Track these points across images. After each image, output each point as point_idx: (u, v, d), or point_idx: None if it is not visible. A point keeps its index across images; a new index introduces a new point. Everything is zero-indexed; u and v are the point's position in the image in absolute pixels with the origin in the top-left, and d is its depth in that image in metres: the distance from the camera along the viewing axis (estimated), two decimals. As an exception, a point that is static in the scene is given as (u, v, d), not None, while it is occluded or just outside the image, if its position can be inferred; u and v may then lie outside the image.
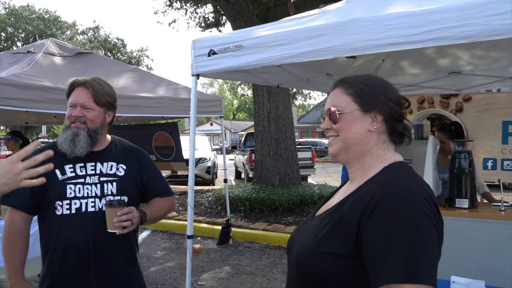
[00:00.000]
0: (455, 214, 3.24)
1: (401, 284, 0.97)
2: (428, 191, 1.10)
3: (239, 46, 2.57)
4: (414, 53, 4.52)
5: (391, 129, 1.22)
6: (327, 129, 1.26)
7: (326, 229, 1.14)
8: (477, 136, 4.61)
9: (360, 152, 1.21)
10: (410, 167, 1.22)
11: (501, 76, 4.53)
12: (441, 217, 1.12)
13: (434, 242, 1.03)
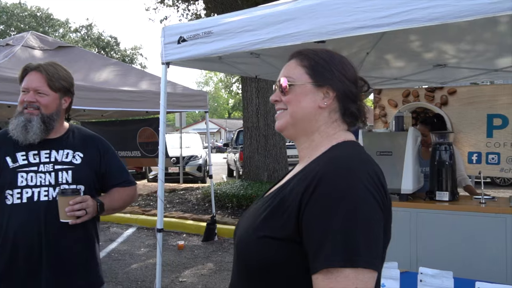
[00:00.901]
0: (436, 207, 3.18)
1: (340, 268, 0.89)
2: (375, 169, 1.02)
3: (209, 33, 2.49)
4: (399, 46, 4.46)
5: (344, 108, 1.13)
6: (276, 101, 1.18)
7: (267, 211, 1.06)
8: (462, 129, 4.55)
9: (309, 129, 1.13)
10: (361, 146, 1.14)
11: (486, 69, 4.47)
12: (388, 197, 1.04)
13: (378, 222, 0.95)
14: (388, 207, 1.03)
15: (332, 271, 0.90)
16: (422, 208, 3.19)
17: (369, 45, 4.48)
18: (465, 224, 3.06)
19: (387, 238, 1.05)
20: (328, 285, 0.90)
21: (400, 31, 4.09)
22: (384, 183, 1.02)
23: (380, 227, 0.96)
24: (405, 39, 4.30)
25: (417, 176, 3.31)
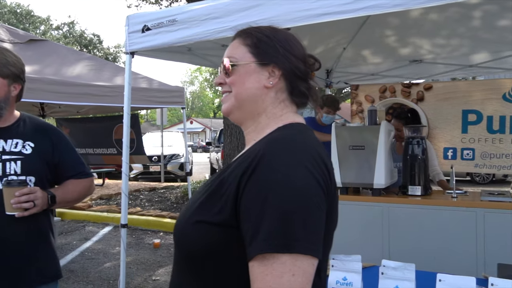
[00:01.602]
0: (408, 202, 3.15)
1: (276, 254, 0.83)
2: (320, 152, 0.96)
3: (173, 21, 2.41)
4: (375, 41, 4.44)
5: (291, 87, 1.06)
6: (220, 84, 1.10)
7: (205, 195, 0.99)
8: (438, 125, 4.54)
9: (255, 111, 1.06)
10: (310, 129, 1.07)
11: (461, 64, 4.48)
12: (333, 182, 0.98)
13: (319, 207, 0.89)
14: (333, 192, 0.97)
15: (268, 257, 0.83)
16: (394, 203, 3.15)
17: (345, 40, 4.46)
18: (437, 218, 3.03)
19: (332, 224, 0.99)
20: (264, 272, 0.83)
21: (376, 25, 4.12)
22: (329, 167, 0.96)
23: (321, 212, 0.90)
24: (381, 34, 4.28)
25: (390, 170, 3.28)
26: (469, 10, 3.67)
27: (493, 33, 3.92)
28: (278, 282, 0.82)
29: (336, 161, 3.29)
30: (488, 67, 4.37)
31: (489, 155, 4.31)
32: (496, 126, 4.28)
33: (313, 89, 1.11)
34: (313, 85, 1.11)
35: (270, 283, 0.82)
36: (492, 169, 4.36)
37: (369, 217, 3.22)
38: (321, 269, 0.99)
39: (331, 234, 1.01)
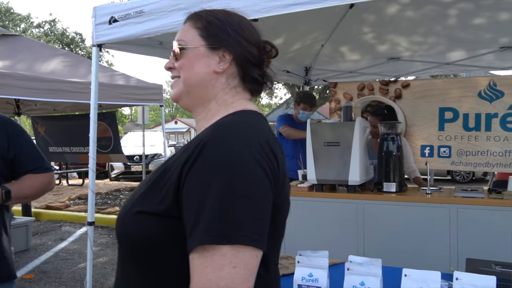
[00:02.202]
0: (382, 198, 3.13)
1: (217, 245, 0.77)
2: (269, 139, 0.91)
3: (140, 12, 2.34)
4: (353, 38, 4.43)
5: (244, 73, 1.01)
6: (170, 68, 1.05)
7: (147, 185, 0.94)
8: (415, 122, 4.55)
9: (205, 97, 1.01)
10: (262, 116, 1.02)
11: (438, 62, 4.50)
12: (282, 171, 0.93)
13: (264, 196, 0.84)
14: (281, 182, 0.92)
15: (208, 249, 0.78)
16: (369, 200, 3.13)
17: (323, 37, 4.44)
18: (411, 215, 3.03)
19: (280, 215, 0.94)
20: (203, 264, 0.78)
21: (353, 22, 4.10)
22: (278, 156, 0.91)
23: (267, 201, 0.85)
24: (358, 31, 4.27)
25: (365, 167, 3.26)
26: (444, 8, 3.68)
27: (469, 32, 3.95)
28: (218, 275, 0.77)
29: (311, 158, 3.26)
30: (464, 64, 4.40)
31: (465, 152, 4.33)
32: (472, 123, 4.30)
33: (269, 76, 1.06)
34: (269, 73, 1.06)
35: (209, 276, 0.77)
36: (468, 166, 4.38)
37: (344, 214, 3.19)
38: (269, 262, 0.94)
39: (280, 225, 0.96)
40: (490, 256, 2.53)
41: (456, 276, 1.52)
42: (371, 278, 1.61)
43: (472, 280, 1.49)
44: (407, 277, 1.57)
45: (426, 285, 1.53)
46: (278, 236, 0.97)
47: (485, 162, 4.25)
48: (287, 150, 4.14)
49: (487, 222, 2.81)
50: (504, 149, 4.16)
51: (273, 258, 0.97)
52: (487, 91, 4.22)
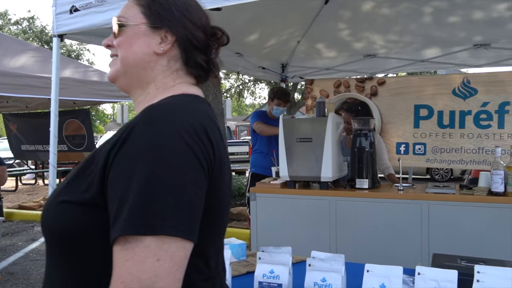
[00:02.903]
0: (355, 195, 3.09)
1: (139, 236, 0.71)
2: (205, 123, 0.84)
3: (102, 1, 2.25)
4: (329, 35, 4.40)
5: (187, 57, 0.95)
6: (108, 46, 0.98)
7: (74, 173, 0.86)
8: (391, 120, 4.54)
9: (143, 80, 0.94)
10: (205, 102, 0.95)
11: (413, 59, 4.51)
12: (219, 157, 0.86)
13: (194, 183, 0.77)
14: (218, 168, 0.85)
15: (130, 240, 0.71)
16: (341, 196, 3.09)
17: (299, 33, 4.40)
18: (384, 211, 3.00)
19: (219, 204, 0.88)
20: (125, 257, 0.71)
21: (329, 18, 4.07)
22: (214, 142, 0.84)
23: (198, 189, 0.78)
24: (334, 28, 4.25)
25: (338, 163, 3.22)
26: (419, 5, 3.67)
27: (443, 30, 3.96)
28: (140, 268, 0.70)
29: (283, 154, 3.20)
30: (439, 62, 4.41)
31: (439, 149, 4.34)
32: (446, 120, 4.31)
33: (215, 64, 1.00)
34: (217, 60, 1.00)
35: (130, 269, 0.70)
36: (443, 163, 4.39)
37: (316, 211, 3.15)
38: (208, 255, 0.88)
39: (219, 215, 0.90)
40: (460, 251, 2.51)
41: (418, 271, 1.49)
42: (333, 274, 1.56)
43: (434, 275, 1.46)
44: (370, 272, 1.53)
45: (388, 280, 1.49)
46: (218, 227, 0.90)
47: (459, 159, 4.26)
48: (261, 147, 4.09)
49: (457, 218, 2.80)
50: (478, 146, 4.18)
51: (213, 250, 0.90)
52: (461, 88, 4.24)
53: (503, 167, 2.74)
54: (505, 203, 2.69)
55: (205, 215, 0.82)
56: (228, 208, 0.96)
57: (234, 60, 4.26)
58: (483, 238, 2.73)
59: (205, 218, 0.83)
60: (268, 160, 3.82)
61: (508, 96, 4.07)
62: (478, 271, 1.44)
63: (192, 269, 0.83)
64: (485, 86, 4.15)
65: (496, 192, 2.75)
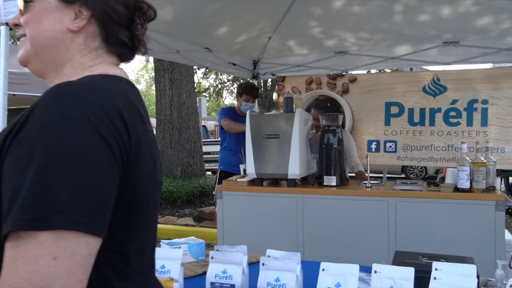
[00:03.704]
0: (322, 192, 3.04)
1: (33, 232, 0.61)
2: (120, 105, 0.74)
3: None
4: (301, 31, 4.34)
5: (106, 34, 0.85)
6: (16, 25, 0.87)
7: None
8: (362, 117, 4.51)
9: (57, 61, 0.84)
10: (127, 83, 0.85)
11: (384, 56, 4.48)
12: (137, 142, 0.76)
13: (101, 170, 0.68)
14: (135, 155, 0.76)
15: (23, 236, 0.62)
16: (308, 194, 3.03)
17: (270, 29, 4.32)
18: (351, 209, 2.95)
19: (140, 195, 0.79)
20: (15, 256, 0.62)
21: (300, 15, 4.01)
22: (130, 124, 0.74)
23: (106, 176, 0.69)
24: (305, 24, 4.19)
25: (306, 160, 3.15)
26: (390, 3, 3.65)
27: (414, 27, 3.94)
28: (31, 269, 0.61)
29: (250, 151, 3.12)
30: (409, 59, 4.39)
31: (410, 147, 4.33)
32: (417, 118, 4.30)
33: (141, 40, 0.90)
34: (143, 37, 0.91)
35: (20, 270, 0.61)
36: (413, 161, 4.38)
37: (284, 209, 3.08)
38: (127, 251, 0.78)
39: (142, 208, 0.81)
40: (426, 248, 2.48)
41: (375, 269, 1.42)
42: (287, 274, 1.48)
43: (391, 273, 1.40)
44: (325, 271, 1.46)
45: (344, 279, 1.43)
46: (140, 221, 0.81)
47: (429, 156, 4.26)
48: (230, 144, 4.00)
49: (424, 214, 2.77)
50: (447, 143, 4.19)
51: (136, 247, 0.81)
52: (431, 86, 4.24)
53: (468, 163, 2.72)
54: (470, 199, 2.67)
55: (121, 207, 0.74)
56: (155, 201, 0.87)
57: (203, 56, 4.15)
58: (449, 234, 2.71)
59: (121, 210, 0.74)
60: (237, 158, 3.73)
61: (476, 94, 4.08)
62: (436, 268, 1.39)
63: (107, 268, 0.74)
64: (455, 83, 4.16)
65: (462, 188, 2.73)
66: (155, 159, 0.84)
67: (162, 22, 3.27)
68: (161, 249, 1.66)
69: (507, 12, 3.43)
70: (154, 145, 0.85)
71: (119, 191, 0.72)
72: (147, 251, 0.86)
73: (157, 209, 0.92)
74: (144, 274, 0.86)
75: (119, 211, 0.73)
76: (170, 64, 7.77)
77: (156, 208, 0.91)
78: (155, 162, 0.84)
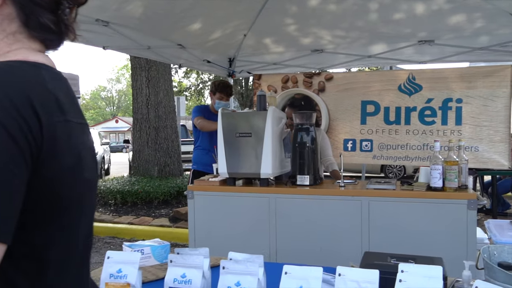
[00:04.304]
0: (296, 192, 2.98)
1: None
2: (33, 96, 0.67)
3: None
4: (276, 29, 4.28)
5: (26, 17, 0.76)
6: None
7: None
8: (338, 116, 4.48)
9: None
10: (47, 71, 0.76)
11: (360, 55, 4.46)
12: (51, 136, 0.68)
13: (4, 166, 0.60)
14: (51, 151, 0.68)
15: None
16: (281, 193, 2.97)
17: (245, 26, 4.25)
18: (324, 209, 2.90)
19: (58, 195, 0.70)
20: None
21: (275, 12, 3.95)
22: (45, 118, 0.67)
23: (11, 173, 0.61)
24: (281, 22, 4.13)
25: (279, 159, 3.09)
26: (365, 1, 3.62)
27: (389, 26, 3.92)
28: None
29: (222, 150, 3.04)
30: (385, 58, 4.38)
31: (385, 146, 4.31)
32: (393, 117, 4.29)
33: (69, 25, 0.81)
34: (72, 22, 0.82)
35: None
36: (389, 160, 4.37)
37: (256, 209, 3.01)
38: (46, 258, 0.70)
39: (63, 210, 0.72)
40: (399, 248, 2.44)
41: (339, 271, 1.36)
42: (249, 277, 1.41)
43: (355, 276, 1.34)
44: (288, 275, 1.40)
45: (307, 282, 1.36)
46: (62, 225, 0.73)
47: (405, 155, 4.25)
48: (204, 143, 3.92)
49: (397, 213, 2.74)
50: (422, 142, 4.18)
51: (56, 252, 0.73)
52: (407, 84, 4.23)
53: (441, 161, 2.69)
54: (443, 199, 2.64)
55: (35, 208, 0.65)
56: (84, 201, 0.79)
57: (175, 52, 4.06)
58: (422, 233, 2.68)
59: (35, 212, 0.66)
60: (210, 157, 3.65)
61: (451, 93, 4.09)
62: (402, 270, 1.34)
63: (20, 276, 0.66)
64: (430, 82, 4.16)
65: (435, 187, 2.70)
66: (80, 154, 0.76)
67: (132, 17, 3.17)
68: (118, 252, 1.58)
69: (480, 11, 3.44)
70: (79, 139, 0.76)
71: (30, 190, 0.64)
72: (76, 256, 0.78)
73: (91, 209, 0.84)
74: (71, 280, 0.78)
75: (33, 213, 0.65)
76: (147, 62, 7.64)
77: (89, 208, 0.83)
78: (80, 157, 0.75)
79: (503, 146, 3.92)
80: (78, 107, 0.79)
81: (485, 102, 3.97)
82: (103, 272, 1.53)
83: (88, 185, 0.79)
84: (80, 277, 0.82)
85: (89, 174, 0.79)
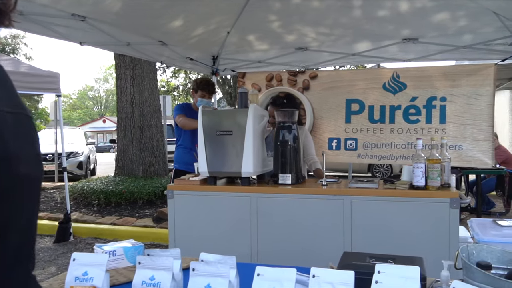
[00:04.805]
0: (277, 191, 2.92)
1: None
2: None
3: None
4: (260, 26, 4.22)
5: None
6: None
7: None
8: (323, 115, 4.44)
9: None
10: None
11: (345, 53, 4.42)
12: None
13: None
14: None
15: None
16: (262, 192, 2.91)
17: (228, 23, 4.18)
18: (307, 208, 2.84)
19: None
20: None
21: (259, 9, 3.89)
22: None
23: None
24: (265, 19, 4.07)
25: (261, 158, 3.03)
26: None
27: (373, 23, 3.89)
28: None
29: (202, 149, 2.98)
30: (369, 56, 4.34)
31: (370, 145, 4.28)
32: (377, 115, 4.26)
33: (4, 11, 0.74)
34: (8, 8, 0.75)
35: None
36: (373, 159, 4.34)
37: (237, 209, 2.94)
38: None
39: None
40: (381, 247, 2.40)
41: (313, 273, 1.31)
42: (219, 280, 1.35)
43: (330, 277, 1.29)
44: (260, 276, 1.34)
45: (280, 284, 1.30)
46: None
47: (389, 154, 4.22)
48: (186, 142, 3.85)
49: (379, 212, 2.70)
50: (407, 141, 4.16)
51: None
52: (391, 83, 4.20)
53: (424, 160, 2.66)
54: (425, 197, 2.61)
55: None
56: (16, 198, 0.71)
57: (157, 49, 3.97)
58: (405, 232, 2.64)
59: None
60: (192, 156, 3.58)
61: (435, 91, 4.07)
62: (379, 271, 1.29)
63: None
64: (414, 81, 4.14)
65: (417, 186, 2.66)
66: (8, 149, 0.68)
67: (109, 12, 3.08)
68: (84, 254, 1.51)
69: (463, 10, 3.42)
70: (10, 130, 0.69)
71: None
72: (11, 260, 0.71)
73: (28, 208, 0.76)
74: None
75: None
76: (132, 60, 7.53)
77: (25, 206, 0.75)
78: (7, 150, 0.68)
79: (486, 144, 3.91)
80: (12, 94, 0.72)
81: (469, 101, 3.96)
82: (68, 275, 1.46)
83: (18, 179, 0.71)
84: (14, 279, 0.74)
85: (27, 168, 0.71)
